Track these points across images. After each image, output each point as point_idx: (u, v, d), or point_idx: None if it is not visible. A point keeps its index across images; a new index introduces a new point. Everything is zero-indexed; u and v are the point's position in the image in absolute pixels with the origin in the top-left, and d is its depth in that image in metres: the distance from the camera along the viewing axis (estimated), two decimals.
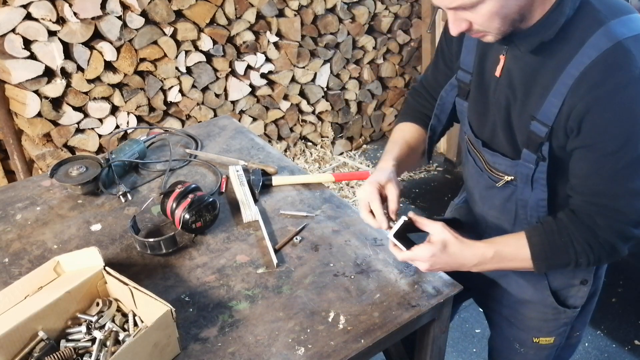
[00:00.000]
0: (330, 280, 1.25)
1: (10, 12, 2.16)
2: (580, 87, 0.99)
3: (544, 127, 1.06)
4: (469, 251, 1.15)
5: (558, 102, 1.03)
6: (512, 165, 1.17)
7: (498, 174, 1.21)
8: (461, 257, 1.15)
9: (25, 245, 1.38)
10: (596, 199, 1.07)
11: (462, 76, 1.25)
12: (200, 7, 2.63)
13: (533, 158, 1.11)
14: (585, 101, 0.99)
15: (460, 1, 0.96)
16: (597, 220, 1.07)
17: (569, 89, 1.01)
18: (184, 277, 1.27)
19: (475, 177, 1.31)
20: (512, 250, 1.15)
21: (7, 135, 2.46)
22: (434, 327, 1.27)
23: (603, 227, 1.07)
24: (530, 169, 1.13)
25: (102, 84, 2.49)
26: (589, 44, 0.98)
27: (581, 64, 0.99)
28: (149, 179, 1.62)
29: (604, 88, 0.97)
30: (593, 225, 1.08)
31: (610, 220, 1.07)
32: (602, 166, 1.03)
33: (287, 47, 3.04)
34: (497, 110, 1.17)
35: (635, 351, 2.29)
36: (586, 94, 0.99)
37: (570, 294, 1.31)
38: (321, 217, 1.46)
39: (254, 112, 3.12)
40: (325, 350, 1.09)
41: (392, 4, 3.41)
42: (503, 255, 1.15)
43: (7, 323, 1.04)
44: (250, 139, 1.84)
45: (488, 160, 1.23)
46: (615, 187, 1.04)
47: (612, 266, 1.36)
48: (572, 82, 1.00)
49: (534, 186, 1.15)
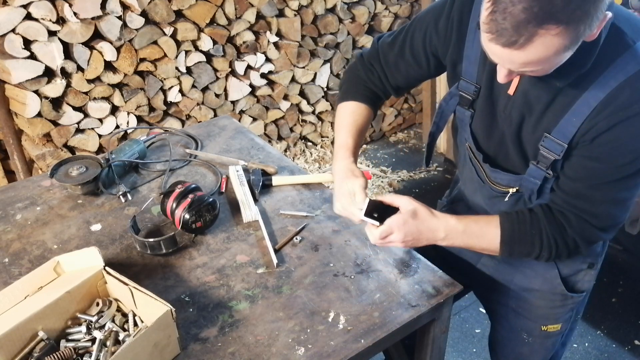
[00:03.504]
0: (330, 280, 1.25)
1: (10, 12, 2.16)
2: (606, 109, 0.99)
3: (559, 145, 1.06)
4: (440, 221, 1.17)
5: (577, 122, 1.02)
6: (516, 179, 1.18)
7: (501, 188, 1.23)
8: (433, 226, 1.16)
9: (25, 245, 1.38)
10: (577, 201, 1.09)
11: (465, 87, 1.21)
12: (200, 7, 2.63)
13: (541, 175, 1.12)
14: (607, 121, 0.99)
15: (531, 67, 0.91)
16: (571, 220, 1.10)
17: (593, 110, 1.00)
18: (184, 277, 1.27)
19: (476, 185, 1.32)
20: (482, 228, 1.17)
21: (7, 135, 2.46)
22: (434, 327, 1.27)
23: (574, 227, 1.10)
24: (536, 184, 1.14)
25: (102, 84, 2.49)
26: (616, 66, 0.97)
27: (607, 87, 0.98)
28: (149, 179, 1.62)
29: (630, 111, 0.97)
30: (566, 224, 1.11)
31: (584, 223, 1.10)
32: (596, 175, 1.05)
33: (287, 47, 3.04)
34: (507, 125, 1.15)
35: (635, 351, 2.29)
36: (610, 115, 0.98)
37: (579, 278, 1.34)
38: (321, 217, 1.46)
39: (254, 112, 3.12)
40: (325, 350, 1.09)
41: (392, 4, 3.41)
42: (472, 231, 1.17)
43: (7, 323, 1.04)
44: (250, 139, 1.84)
45: (489, 175, 1.24)
46: (601, 194, 1.07)
47: (612, 266, 1.36)
48: (596, 103, 0.99)
49: (540, 196, 1.17)
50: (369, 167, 3.57)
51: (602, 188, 1.06)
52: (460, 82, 1.22)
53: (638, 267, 2.65)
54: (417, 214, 1.16)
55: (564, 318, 1.40)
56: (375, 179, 3.45)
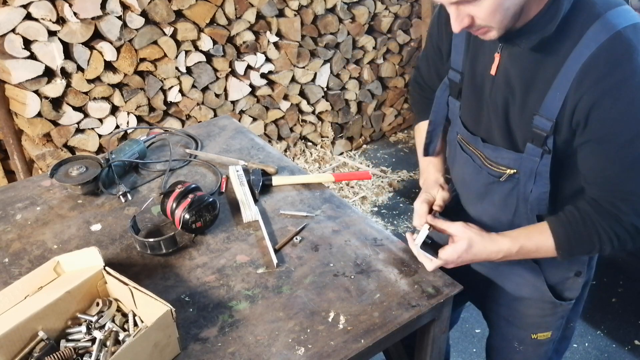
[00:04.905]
0: (330, 280, 1.25)
1: (10, 12, 2.16)
2: (584, 81, 1.00)
3: (547, 121, 1.07)
4: (494, 246, 1.18)
5: (561, 96, 1.03)
6: (516, 158, 1.17)
7: (500, 168, 1.21)
8: (486, 253, 1.19)
9: (25, 245, 1.38)
10: (616, 187, 1.07)
11: (453, 76, 1.27)
12: (200, 7, 2.63)
13: (538, 152, 1.12)
14: (591, 94, 0.99)
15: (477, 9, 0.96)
16: (620, 206, 1.08)
17: (571, 83, 1.01)
18: (184, 277, 1.27)
19: (473, 175, 1.31)
20: (537, 243, 1.17)
21: (7, 135, 2.46)
22: (434, 327, 1.27)
23: (627, 212, 1.07)
24: (535, 162, 1.13)
25: (102, 84, 2.50)
26: (588, 36, 0.99)
27: (582, 56, 0.99)
28: (149, 179, 1.62)
29: (609, 80, 0.97)
30: (617, 212, 1.08)
31: (634, 204, 1.07)
32: (616, 157, 1.04)
33: (287, 47, 3.04)
34: (493, 108, 1.17)
35: (635, 351, 2.29)
36: (591, 86, 0.99)
37: (566, 286, 1.33)
38: (321, 217, 1.46)
39: (254, 112, 3.12)
40: (325, 350, 1.09)
41: (392, 4, 3.41)
42: (528, 249, 1.17)
43: (7, 323, 1.04)
44: (250, 139, 1.84)
45: (488, 156, 1.23)
46: (633, 174, 1.05)
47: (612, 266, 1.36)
48: (573, 75, 1.01)
49: (537, 179, 1.15)
50: (369, 167, 3.57)
51: (630, 168, 1.04)
52: (449, 71, 1.27)
53: (638, 267, 2.65)
54: (472, 246, 1.19)
55: (555, 326, 1.39)
56: (375, 179, 3.45)
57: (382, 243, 1.36)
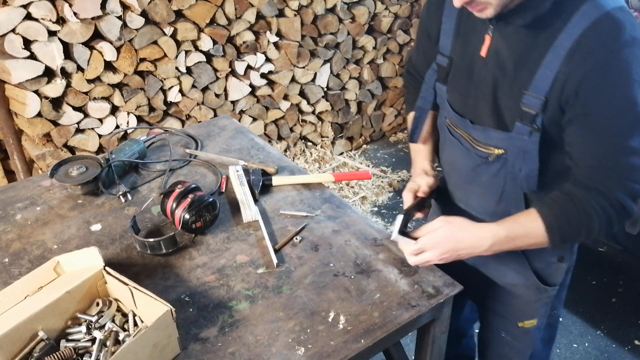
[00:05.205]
0: (330, 280, 1.25)
1: (10, 12, 2.16)
2: (575, 57, 1.02)
3: (537, 99, 1.08)
4: (480, 230, 1.17)
5: (551, 74, 1.05)
6: (505, 138, 1.18)
7: (488, 149, 1.22)
8: (471, 237, 1.16)
9: (25, 245, 1.38)
10: (600, 163, 1.08)
11: (441, 60, 1.28)
12: (200, 7, 2.63)
13: (527, 130, 1.12)
14: (581, 69, 1.01)
15: None
16: (604, 182, 1.08)
17: (563, 60, 1.03)
18: (184, 277, 1.27)
19: (461, 159, 1.32)
20: (525, 226, 1.15)
21: (7, 135, 2.46)
22: (434, 327, 1.27)
23: (612, 188, 1.08)
24: (524, 141, 1.14)
25: (102, 84, 2.49)
26: (579, 15, 1.01)
27: (572, 35, 1.02)
28: (149, 179, 1.62)
29: (598, 55, 1.00)
30: (601, 187, 1.08)
31: (617, 179, 1.07)
32: (601, 129, 1.05)
33: (287, 47, 3.04)
34: (481, 90, 1.19)
35: (635, 351, 2.29)
36: (581, 62, 1.01)
37: (550, 272, 1.35)
38: (321, 217, 1.46)
39: (254, 112, 3.12)
40: (325, 350, 1.09)
41: (392, 4, 3.41)
42: (516, 233, 1.15)
43: (7, 323, 1.04)
44: (250, 139, 1.84)
45: (477, 138, 1.24)
46: (616, 147, 1.05)
47: (612, 266, 1.37)
48: (565, 52, 1.03)
49: (526, 157, 1.16)
50: (369, 167, 3.57)
51: (614, 141, 1.05)
52: (437, 56, 1.29)
53: (638, 267, 2.65)
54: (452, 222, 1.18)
55: (540, 313, 1.41)
56: (375, 179, 3.45)
57: (382, 243, 1.36)
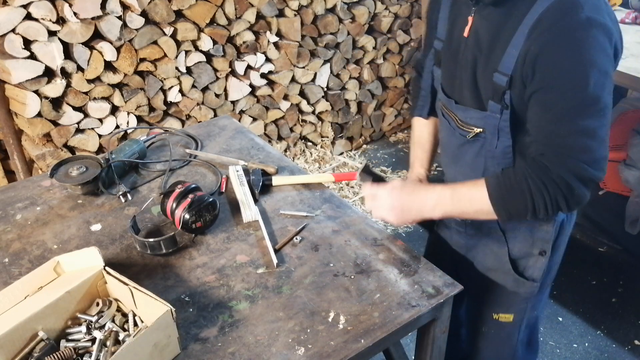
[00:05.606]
0: (330, 280, 1.25)
1: (10, 12, 2.16)
2: (533, 34, 1.06)
3: (504, 76, 1.12)
4: (426, 190, 1.24)
5: (516, 52, 1.09)
6: (481, 117, 1.21)
7: (469, 128, 1.26)
8: (420, 194, 1.23)
9: (25, 245, 1.38)
10: (547, 139, 1.10)
11: (437, 45, 1.34)
12: (200, 7, 2.63)
13: (498, 108, 1.16)
14: (537, 44, 1.05)
15: None
16: (549, 157, 1.09)
17: (525, 37, 1.07)
18: (184, 277, 1.27)
19: (448, 137, 1.36)
20: (470, 189, 1.19)
21: (7, 135, 2.46)
22: (434, 327, 1.27)
23: (555, 163, 1.08)
24: (497, 119, 1.18)
25: (102, 84, 2.50)
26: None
27: (535, 13, 1.05)
28: (149, 179, 1.62)
29: (553, 31, 1.03)
30: (546, 162, 1.09)
31: (562, 156, 1.08)
32: (553, 106, 1.07)
33: (287, 47, 3.04)
34: (464, 69, 1.22)
35: (635, 351, 2.29)
36: (538, 37, 1.05)
37: (529, 264, 1.35)
38: (321, 217, 1.46)
39: (254, 112, 3.12)
40: (325, 350, 1.09)
41: (392, 4, 3.41)
42: (461, 195, 1.19)
43: (7, 323, 1.04)
44: (250, 139, 1.84)
45: (460, 117, 1.28)
46: (565, 125, 1.06)
47: (612, 266, 1.36)
48: (527, 30, 1.06)
49: (500, 135, 1.19)
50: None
51: (564, 118, 1.06)
52: (435, 41, 1.35)
53: (638, 267, 2.65)
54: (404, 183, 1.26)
55: (516, 309, 1.41)
56: None
57: (382, 243, 1.36)
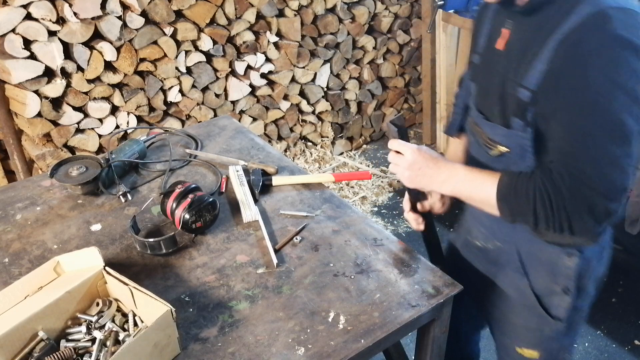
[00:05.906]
0: (330, 280, 1.25)
1: (10, 12, 2.16)
2: (559, 51, 1.02)
3: (528, 92, 1.08)
4: (445, 162, 1.21)
5: (542, 67, 1.05)
6: (506, 134, 1.17)
7: (494, 146, 1.21)
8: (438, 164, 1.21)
9: (25, 245, 1.38)
10: (566, 163, 1.04)
11: (475, 59, 1.31)
12: (200, 7, 2.63)
13: (521, 125, 1.12)
14: (563, 60, 1.01)
15: None
16: (565, 180, 1.03)
17: (553, 52, 1.03)
18: (184, 277, 1.27)
19: (474, 154, 1.33)
20: (484, 177, 1.16)
21: (7, 135, 2.46)
22: (434, 327, 1.27)
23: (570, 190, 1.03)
24: (521, 137, 1.13)
25: (102, 84, 2.50)
26: (575, 12, 1.01)
27: (566, 28, 1.02)
28: (149, 179, 1.62)
29: (580, 47, 0.99)
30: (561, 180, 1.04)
31: (577, 183, 1.02)
32: (573, 127, 1.02)
33: (287, 47, 3.04)
34: (495, 82, 1.19)
35: (635, 351, 2.29)
36: (564, 53, 1.01)
37: (553, 302, 1.28)
38: (321, 217, 1.46)
39: (254, 112, 3.12)
40: (325, 350, 1.09)
41: (392, 4, 3.41)
42: (473, 177, 1.18)
43: (7, 323, 1.04)
44: (250, 139, 1.84)
45: (488, 134, 1.23)
46: (584, 150, 1.02)
47: (612, 266, 1.36)
48: (555, 45, 1.03)
49: (524, 155, 1.15)
50: (369, 167, 3.57)
51: (584, 142, 1.02)
52: (473, 55, 1.32)
53: (638, 267, 2.65)
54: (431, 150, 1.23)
55: (542, 347, 1.34)
56: (375, 179, 3.45)
57: (382, 243, 1.36)
